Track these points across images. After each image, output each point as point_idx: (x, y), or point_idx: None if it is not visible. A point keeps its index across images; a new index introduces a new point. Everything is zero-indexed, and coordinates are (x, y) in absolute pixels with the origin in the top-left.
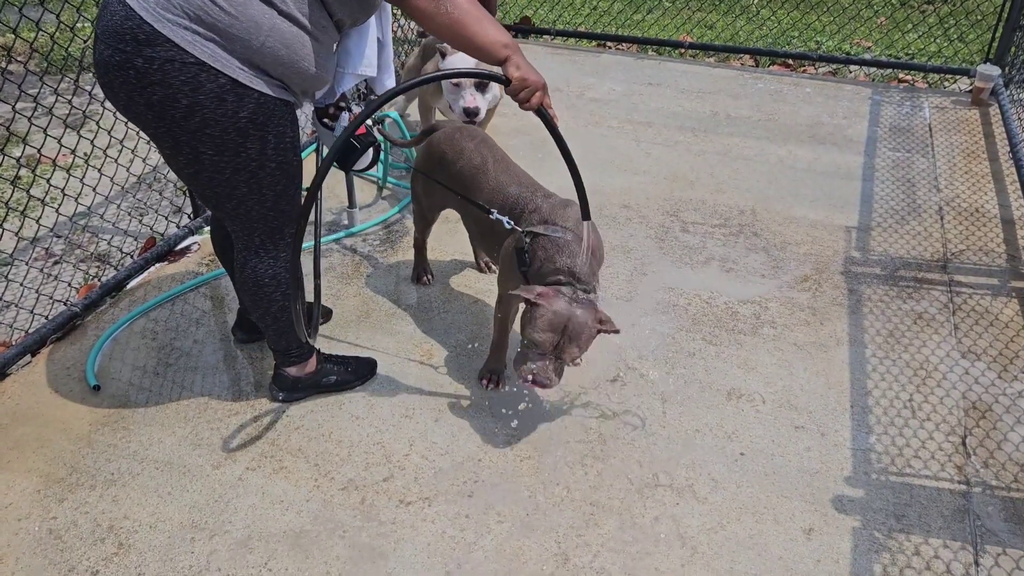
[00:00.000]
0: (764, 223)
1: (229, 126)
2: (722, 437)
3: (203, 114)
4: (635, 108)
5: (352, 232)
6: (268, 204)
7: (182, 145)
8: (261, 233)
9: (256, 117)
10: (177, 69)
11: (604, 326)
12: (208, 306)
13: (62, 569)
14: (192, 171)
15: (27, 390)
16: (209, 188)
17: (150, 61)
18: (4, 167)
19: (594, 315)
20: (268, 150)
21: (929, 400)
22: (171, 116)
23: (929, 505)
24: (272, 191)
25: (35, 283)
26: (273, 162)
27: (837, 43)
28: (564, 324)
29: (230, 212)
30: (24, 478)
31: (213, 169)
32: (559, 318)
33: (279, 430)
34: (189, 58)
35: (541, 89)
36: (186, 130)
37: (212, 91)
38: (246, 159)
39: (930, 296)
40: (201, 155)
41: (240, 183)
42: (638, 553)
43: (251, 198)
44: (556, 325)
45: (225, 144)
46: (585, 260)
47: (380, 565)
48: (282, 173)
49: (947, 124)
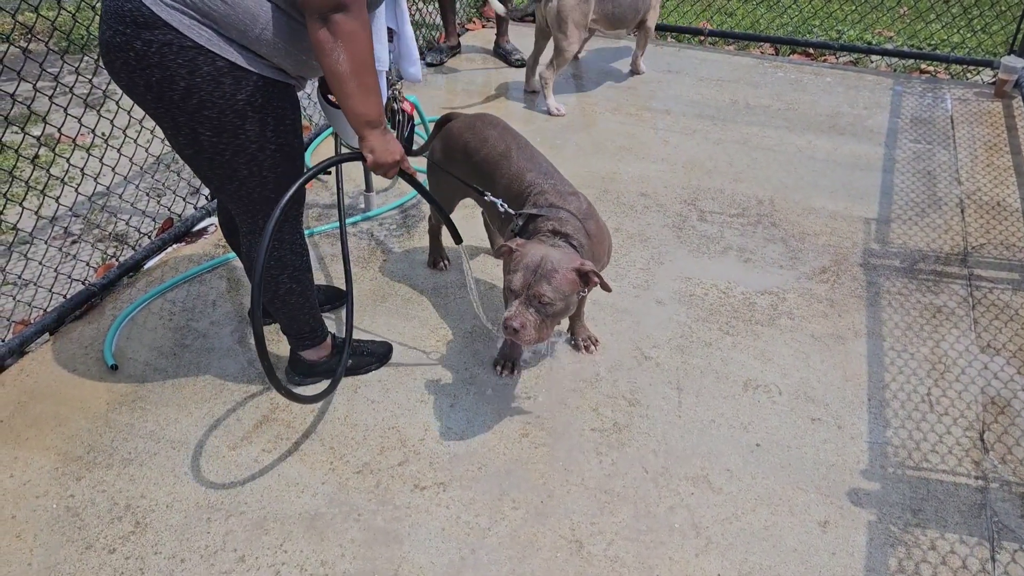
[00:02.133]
0: (782, 213)
1: (227, 108)
2: (738, 428)
3: (200, 96)
4: (653, 96)
5: (369, 216)
6: (269, 187)
7: (181, 126)
8: (264, 215)
9: (254, 99)
10: (175, 52)
11: (587, 272)
12: (225, 287)
13: (79, 546)
14: (192, 152)
15: (45, 368)
16: (210, 170)
17: (148, 44)
18: (24, 146)
19: (572, 259)
20: (267, 132)
21: (947, 395)
22: (169, 98)
23: (946, 500)
24: (273, 173)
25: (53, 262)
26: (273, 144)
27: (859, 32)
28: (536, 264)
29: (232, 194)
30: (42, 456)
31: (213, 151)
32: (531, 259)
33: (295, 413)
34: (187, 42)
35: (391, 165)
36: (184, 111)
37: (209, 74)
38: (245, 141)
39: (949, 290)
40: (200, 136)
41: (240, 165)
42: (652, 542)
43: (252, 180)
44: (528, 265)
45: (223, 126)
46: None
47: (395, 549)
48: (283, 155)
49: (969, 116)
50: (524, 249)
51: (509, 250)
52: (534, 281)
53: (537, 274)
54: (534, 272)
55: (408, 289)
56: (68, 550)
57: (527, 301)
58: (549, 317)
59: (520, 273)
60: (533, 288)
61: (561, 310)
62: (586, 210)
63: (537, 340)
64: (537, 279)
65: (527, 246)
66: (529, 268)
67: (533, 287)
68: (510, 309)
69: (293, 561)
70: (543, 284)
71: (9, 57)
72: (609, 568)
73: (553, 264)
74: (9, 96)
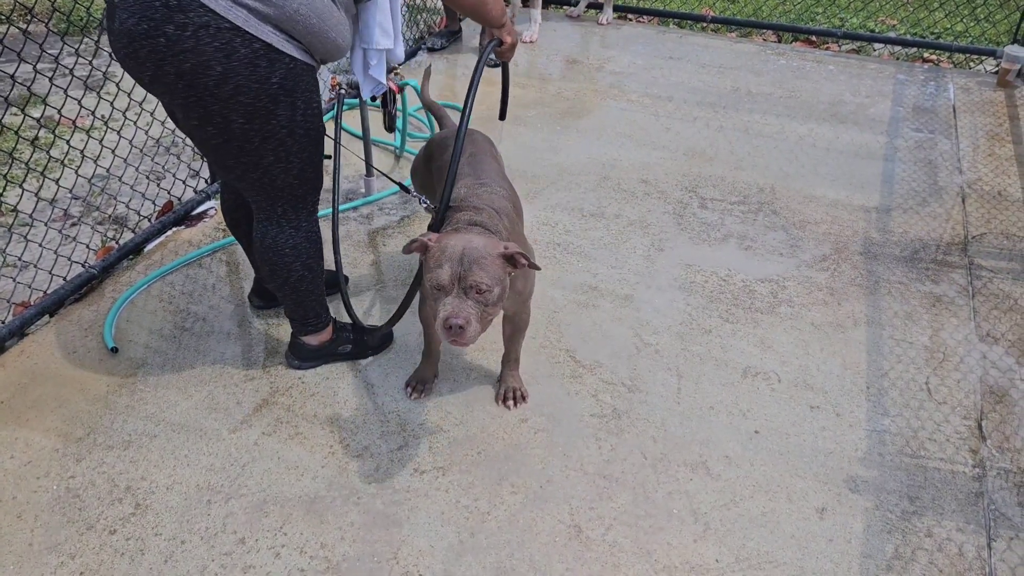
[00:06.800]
0: (783, 201)
1: (261, 92)
2: (737, 415)
3: (236, 81)
4: (655, 82)
5: (369, 201)
6: (294, 172)
7: (213, 115)
8: (284, 202)
9: (286, 82)
10: (211, 35)
11: (511, 254)
12: (224, 271)
13: (80, 527)
14: (220, 141)
15: (45, 350)
16: (235, 159)
17: (182, 27)
18: (24, 127)
19: (496, 244)
20: (297, 116)
21: (945, 383)
22: (203, 84)
23: (943, 488)
24: (299, 158)
25: (53, 244)
26: (301, 128)
27: (862, 20)
28: (459, 253)
29: (254, 182)
30: (43, 437)
31: (243, 138)
32: (453, 249)
33: (295, 396)
34: (224, 23)
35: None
36: (218, 98)
37: (246, 56)
38: (276, 126)
39: (949, 279)
40: (232, 124)
41: (268, 151)
42: (650, 527)
43: (277, 167)
44: (451, 255)
45: (256, 111)
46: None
47: (394, 532)
48: (309, 140)
49: (971, 105)
50: (443, 241)
51: (424, 245)
52: (464, 271)
53: (464, 263)
54: (460, 262)
55: (408, 274)
56: (69, 531)
57: (462, 294)
58: (488, 306)
59: (446, 266)
60: (466, 279)
61: (499, 296)
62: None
63: (480, 334)
64: (467, 268)
65: (444, 238)
66: (454, 259)
67: (466, 278)
68: (446, 307)
69: (293, 543)
70: (476, 271)
71: (9, 38)
72: (607, 553)
73: (479, 250)
74: (9, 77)
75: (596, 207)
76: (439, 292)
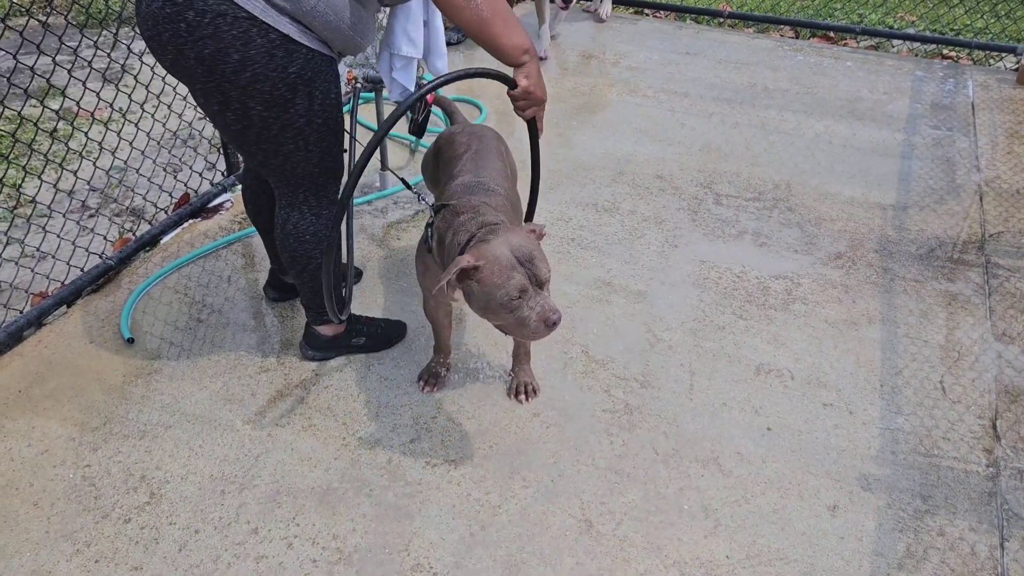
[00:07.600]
0: (799, 198)
1: (279, 81)
2: (749, 411)
3: (254, 69)
4: (671, 78)
5: (384, 195)
6: (314, 161)
7: (231, 101)
8: (305, 189)
9: (304, 72)
10: (229, 23)
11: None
12: (240, 263)
13: (96, 515)
14: (239, 128)
15: (62, 340)
16: (256, 145)
17: (202, 14)
18: (43, 119)
19: (522, 230)
20: (315, 106)
21: (960, 382)
22: (221, 71)
23: (956, 487)
24: (318, 148)
25: (71, 235)
26: (319, 118)
27: (880, 16)
28: (513, 258)
29: (275, 169)
30: (60, 426)
31: (262, 125)
32: (504, 256)
33: (308, 388)
34: (241, 12)
35: (539, 104)
36: (236, 85)
37: (263, 46)
38: (294, 115)
39: (965, 277)
40: (250, 111)
41: (287, 140)
42: (661, 523)
43: (297, 155)
44: (509, 262)
45: (274, 100)
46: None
47: (406, 524)
48: (327, 129)
49: (991, 103)
50: (489, 253)
51: (472, 268)
52: (531, 269)
53: (526, 262)
54: (521, 263)
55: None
56: (85, 519)
57: (538, 288)
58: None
59: (515, 274)
60: (537, 276)
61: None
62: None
63: None
64: (532, 265)
65: (484, 253)
66: (515, 264)
67: (537, 275)
68: (537, 304)
69: (305, 534)
70: (540, 265)
71: (29, 30)
72: (618, 547)
73: (526, 246)
74: (29, 69)
75: (611, 202)
76: (520, 296)
